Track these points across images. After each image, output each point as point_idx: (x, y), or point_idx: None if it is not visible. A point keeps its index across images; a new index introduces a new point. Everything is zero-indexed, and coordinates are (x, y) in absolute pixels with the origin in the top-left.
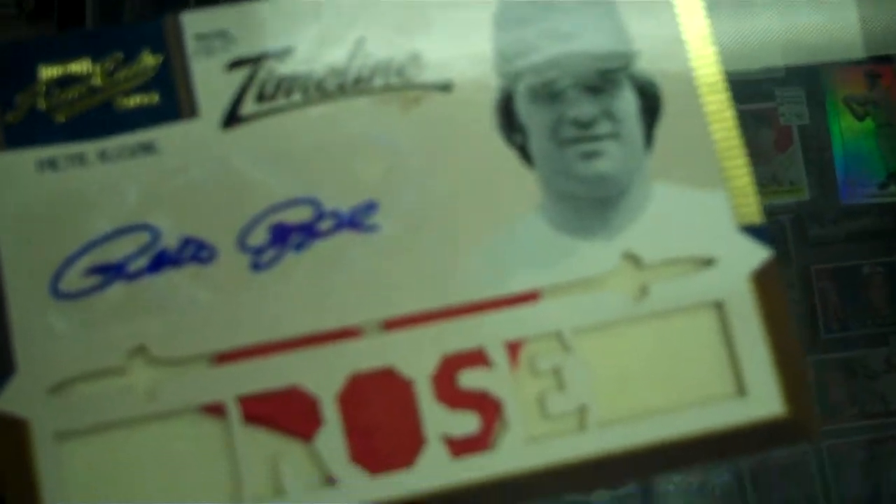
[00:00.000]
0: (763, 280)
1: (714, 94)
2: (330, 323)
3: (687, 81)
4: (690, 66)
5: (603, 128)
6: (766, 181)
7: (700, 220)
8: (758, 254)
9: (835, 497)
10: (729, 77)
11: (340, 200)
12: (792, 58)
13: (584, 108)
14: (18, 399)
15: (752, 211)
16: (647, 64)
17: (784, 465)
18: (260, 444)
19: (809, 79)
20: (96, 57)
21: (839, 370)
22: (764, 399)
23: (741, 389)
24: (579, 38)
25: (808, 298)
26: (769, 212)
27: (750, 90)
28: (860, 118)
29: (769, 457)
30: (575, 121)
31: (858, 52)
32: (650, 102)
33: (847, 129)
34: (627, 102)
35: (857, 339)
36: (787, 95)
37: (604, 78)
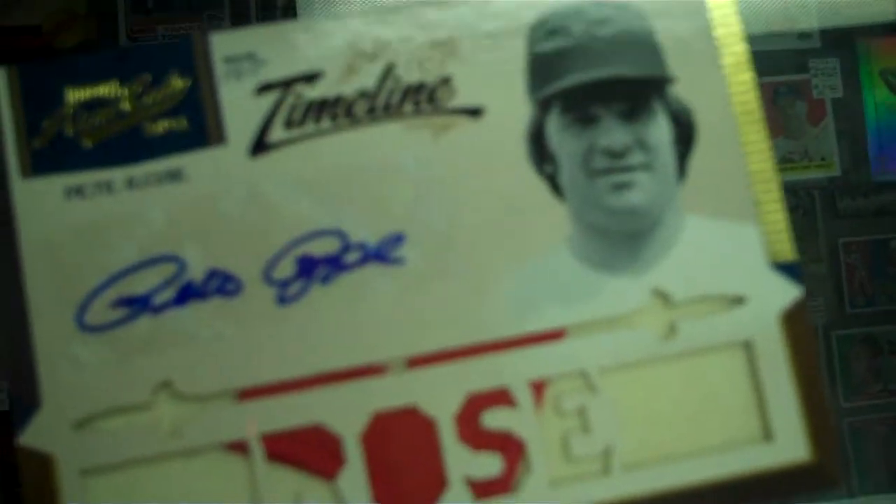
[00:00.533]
0: (793, 320)
1: (751, 124)
2: (354, 360)
3: (723, 110)
4: (727, 93)
5: (635, 158)
6: (797, 156)
7: (731, 256)
8: (789, 292)
9: (854, 473)
10: (764, 48)
11: (367, 231)
12: (826, 21)
13: (617, 136)
14: (44, 434)
15: (785, 248)
16: (683, 90)
17: None
18: (283, 483)
19: (845, 50)
20: (124, 79)
21: (864, 345)
22: (790, 444)
23: (767, 433)
24: (614, 64)
25: (835, 272)
26: (799, 187)
27: (784, 61)
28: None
29: None
30: (607, 150)
31: (891, 16)
32: (685, 131)
33: (882, 103)
34: (661, 131)
35: (883, 315)
36: (822, 67)
37: (638, 105)
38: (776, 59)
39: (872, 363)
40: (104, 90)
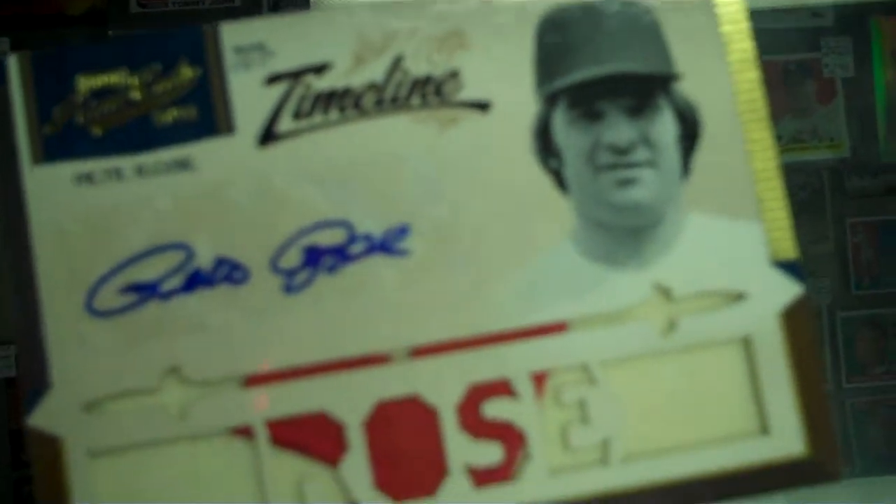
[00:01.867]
0: (793, 317)
1: (755, 122)
2: (359, 348)
3: (728, 108)
4: (733, 91)
5: (640, 154)
6: (805, 136)
7: (733, 253)
8: (790, 290)
9: (857, 454)
10: (776, 26)
11: (373, 223)
12: None
13: (622, 132)
14: (52, 416)
15: (787, 246)
16: (689, 88)
17: None
18: (287, 468)
19: (858, 29)
20: (134, 68)
21: (868, 327)
22: (786, 438)
23: (764, 428)
24: (621, 59)
25: (842, 252)
26: (807, 167)
27: (795, 39)
28: None
29: None
30: (612, 146)
31: None
32: (690, 129)
33: (893, 84)
34: (666, 128)
35: (889, 296)
36: (834, 46)
37: (644, 101)
38: (787, 36)
39: (876, 344)
40: (114, 78)
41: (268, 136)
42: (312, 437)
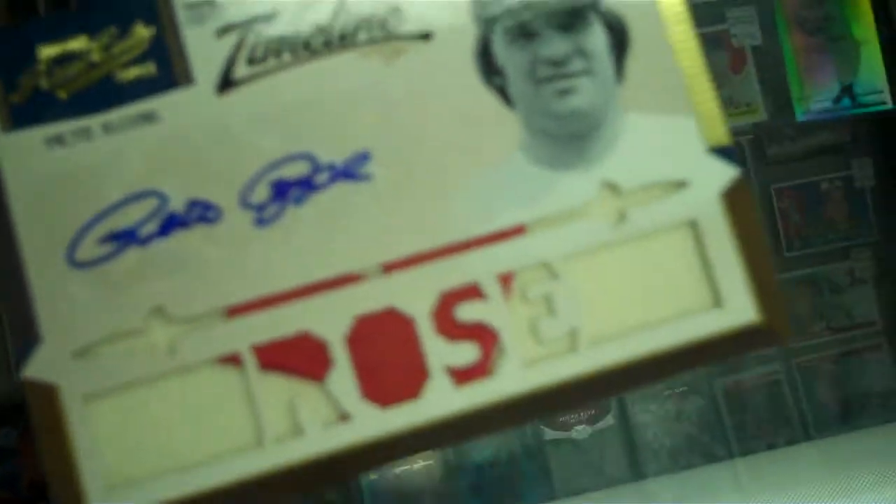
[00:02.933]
0: (733, 197)
1: (678, 25)
2: (333, 270)
3: (652, 14)
4: (654, 0)
5: (576, 65)
6: (722, 104)
7: (672, 145)
8: (726, 173)
9: (807, 410)
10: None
11: (335, 153)
12: None
13: (557, 46)
14: (46, 366)
15: (720, 133)
16: (615, 0)
17: (756, 384)
18: (276, 389)
19: None
20: (92, 33)
21: (804, 287)
22: (739, 308)
23: (717, 301)
24: None
25: (770, 217)
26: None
27: (701, 13)
28: (811, 33)
29: (741, 377)
30: (549, 60)
31: None
32: (618, 37)
33: (800, 47)
34: (597, 38)
35: (820, 255)
36: (739, 16)
37: (574, 16)
38: (694, 11)
39: (814, 303)
40: (74, 44)
41: (226, 83)
42: (298, 357)
